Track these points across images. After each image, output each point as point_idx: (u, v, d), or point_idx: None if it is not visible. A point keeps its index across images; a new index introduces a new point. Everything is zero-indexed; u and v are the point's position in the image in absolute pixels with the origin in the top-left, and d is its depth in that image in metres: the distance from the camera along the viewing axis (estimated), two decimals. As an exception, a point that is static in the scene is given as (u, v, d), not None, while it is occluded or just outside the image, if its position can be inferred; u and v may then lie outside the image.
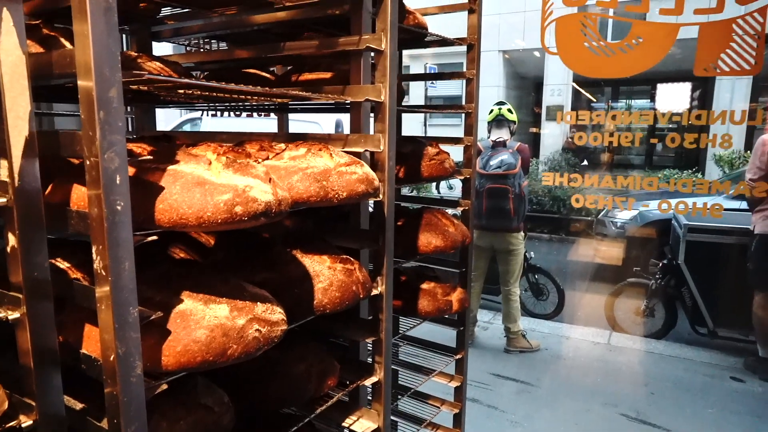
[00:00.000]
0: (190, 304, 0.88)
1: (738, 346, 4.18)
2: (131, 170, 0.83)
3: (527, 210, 4.25)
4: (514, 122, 4.14)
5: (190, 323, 0.85)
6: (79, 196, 0.86)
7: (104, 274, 0.72)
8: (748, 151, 9.00)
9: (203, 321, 0.85)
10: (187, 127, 7.54)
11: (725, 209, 3.86)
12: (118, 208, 0.72)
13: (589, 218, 7.94)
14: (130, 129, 1.92)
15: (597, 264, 6.59)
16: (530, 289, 5.06)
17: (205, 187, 0.81)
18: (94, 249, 0.73)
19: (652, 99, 14.16)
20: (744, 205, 4.08)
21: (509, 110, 4.12)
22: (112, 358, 0.75)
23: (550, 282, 5.05)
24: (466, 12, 1.79)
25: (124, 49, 1.90)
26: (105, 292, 0.73)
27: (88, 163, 0.71)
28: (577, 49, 2.27)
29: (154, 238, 0.84)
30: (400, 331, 1.97)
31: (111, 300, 0.73)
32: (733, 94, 11.25)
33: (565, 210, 8.59)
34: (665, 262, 4.55)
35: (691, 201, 2.87)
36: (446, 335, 1.92)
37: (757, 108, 10.60)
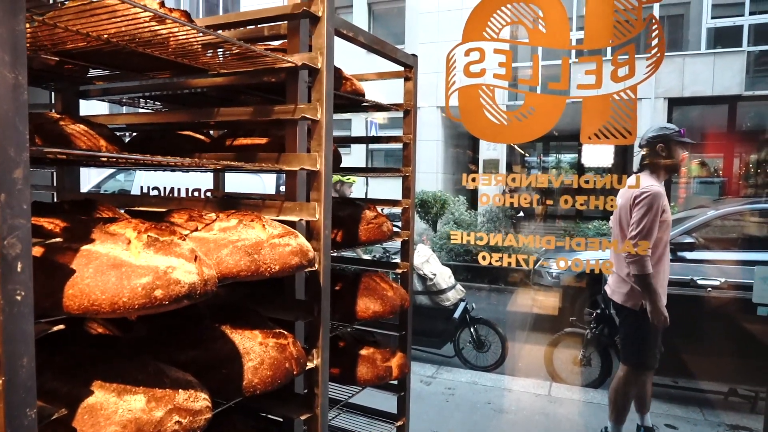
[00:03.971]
0: (101, 395, 0.80)
1: (670, 392, 4.33)
2: (38, 251, 0.77)
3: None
4: (350, 184, 4.82)
5: (100, 419, 0.77)
6: (-23, 279, 0.78)
7: (-3, 372, 0.65)
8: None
9: (115, 416, 0.77)
10: (121, 177, 7.25)
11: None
12: (18, 298, 0.65)
13: (527, 268, 8.17)
14: (54, 185, 1.81)
15: (535, 314, 6.73)
16: (472, 341, 5.07)
17: (121, 269, 0.75)
18: (-13, 344, 0.65)
19: (579, 154, 15.09)
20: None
21: (353, 181, 4.87)
22: (2, 469, 0.66)
23: (492, 333, 5.09)
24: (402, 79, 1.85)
25: (52, 101, 1.81)
26: (-2, 392, 0.65)
27: (-16, 249, 0.64)
28: (477, 116, 2.46)
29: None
30: (340, 398, 1.89)
31: (3, 401, 0.65)
32: (651, 150, 12.17)
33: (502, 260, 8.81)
34: (598, 311, 4.71)
35: (585, 257, 3.03)
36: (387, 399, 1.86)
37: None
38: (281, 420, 1.46)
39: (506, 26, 2.47)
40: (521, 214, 12.37)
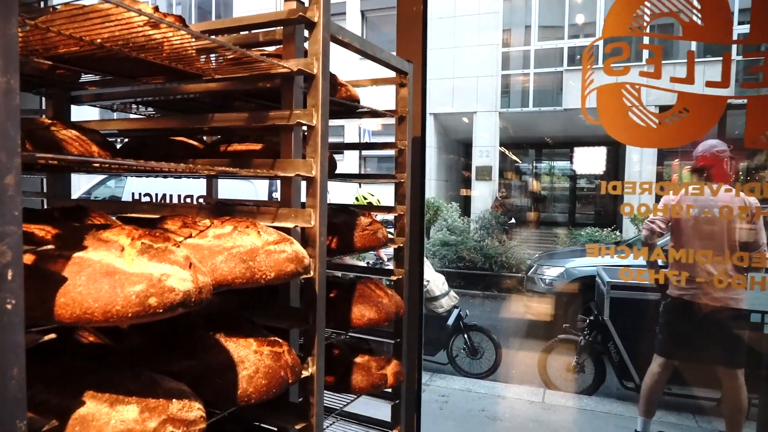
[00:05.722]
0: (93, 406, 0.78)
1: (664, 399, 4.34)
2: (29, 259, 0.75)
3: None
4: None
5: (92, 430, 0.75)
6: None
7: (-14, 383, 0.63)
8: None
9: (107, 427, 0.76)
10: (111, 183, 7.20)
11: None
12: (8, 307, 0.63)
13: (520, 275, 8.19)
14: (44, 191, 1.79)
15: (529, 320, 6.74)
16: (466, 348, 5.06)
17: (114, 277, 0.74)
18: (-25, 354, 0.63)
19: (571, 161, 15.19)
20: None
21: (378, 201, 5.03)
22: (-10, 484, 0.64)
23: (486, 339, 5.08)
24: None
25: (42, 107, 1.79)
26: (-14, 404, 0.64)
27: (-27, 257, 0.62)
28: (620, 118, 2.21)
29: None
30: (335, 407, 1.87)
31: (-7, 414, 0.63)
32: (642, 156, 12.30)
33: (496, 267, 8.83)
34: (591, 318, 4.72)
35: (579, 264, 2.97)
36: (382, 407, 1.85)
37: (663, 171, 11.59)
38: (275, 429, 1.44)
39: (655, 19, 2.22)
40: (513, 221, 12.42)
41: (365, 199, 5.09)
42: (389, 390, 1.84)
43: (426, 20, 1.87)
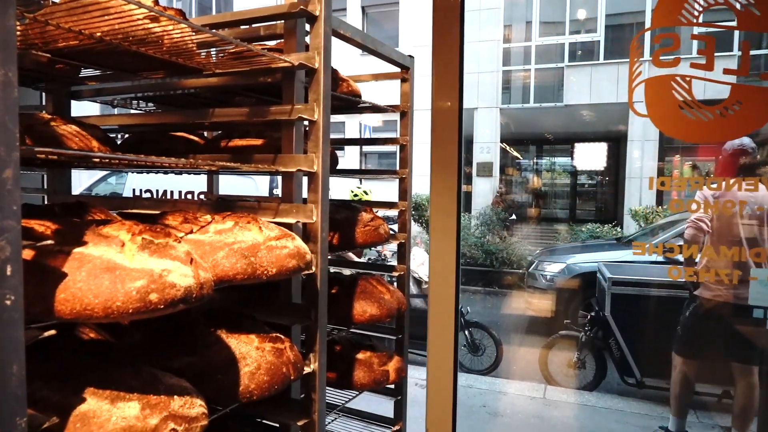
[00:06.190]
0: (94, 403, 0.78)
1: (664, 395, 4.33)
2: (29, 254, 0.75)
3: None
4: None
5: (93, 427, 0.74)
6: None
7: (-15, 380, 0.62)
8: (660, 206, 9.72)
9: (108, 424, 0.75)
10: (112, 179, 7.19)
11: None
12: (8, 303, 0.63)
13: (521, 271, 8.18)
14: (44, 187, 1.78)
15: (530, 317, 6.73)
16: (467, 345, 5.06)
17: (115, 272, 0.73)
18: (-26, 351, 0.63)
19: (572, 157, 15.15)
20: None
21: (365, 192, 4.86)
22: (-10, 481, 0.63)
23: (487, 336, 5.08)
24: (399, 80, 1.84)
25: (42, 102, 1.78)
26: (-14, 401, 0.63)
27: (-28, 252, 0.62)
28: (670, 112, 2.14)
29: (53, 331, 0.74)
30: (337, 403, 1.87)
31: (-7, 410, 0.62)
32: (643, 152, 12.27)
33: (497, 264, 8.82)
34: (593, 314, 4.71)
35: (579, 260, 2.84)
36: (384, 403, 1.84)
37: (664, 167, 11.56)
38: (277, 426, 1.43)
39: (709, 8, 2.11)
40: (513, 217, 12.40)
41: (352, 192, 5.12)
42: (391, 386, 1.83)
43: (463, 12, 1.84)
